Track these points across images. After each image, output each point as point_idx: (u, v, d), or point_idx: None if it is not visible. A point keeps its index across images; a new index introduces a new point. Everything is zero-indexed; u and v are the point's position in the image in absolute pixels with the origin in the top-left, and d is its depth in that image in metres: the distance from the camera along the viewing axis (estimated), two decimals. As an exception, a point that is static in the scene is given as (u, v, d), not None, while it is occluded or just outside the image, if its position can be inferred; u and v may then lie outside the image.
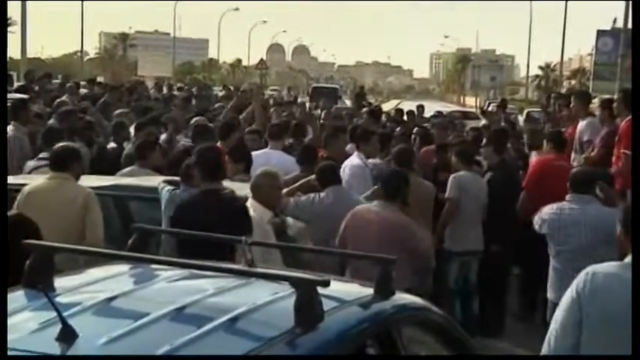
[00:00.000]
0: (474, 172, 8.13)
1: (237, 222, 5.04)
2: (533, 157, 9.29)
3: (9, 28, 75.86)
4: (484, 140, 9.39)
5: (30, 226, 4.13)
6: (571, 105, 10.55)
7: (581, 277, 3.66)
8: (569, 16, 48.91)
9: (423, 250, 6.02)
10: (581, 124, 9.47)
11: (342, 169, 7.37)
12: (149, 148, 7.78)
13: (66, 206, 5.73)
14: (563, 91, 37.24)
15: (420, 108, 18.93)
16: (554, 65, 79.92)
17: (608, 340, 3.53)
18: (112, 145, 9.44)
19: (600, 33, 37.49)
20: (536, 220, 6.32)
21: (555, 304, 3.99)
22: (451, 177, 7.97)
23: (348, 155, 8.21)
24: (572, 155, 9.41)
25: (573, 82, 71.47)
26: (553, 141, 8.85)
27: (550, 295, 6.14)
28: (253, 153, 7.96)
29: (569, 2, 49.59)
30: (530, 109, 32.74)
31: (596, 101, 11.28)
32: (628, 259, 3.60)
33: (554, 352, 3.63)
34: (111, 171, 7.71)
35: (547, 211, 6.27)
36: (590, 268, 3.68)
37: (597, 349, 3.54)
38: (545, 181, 8.10)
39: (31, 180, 7.04)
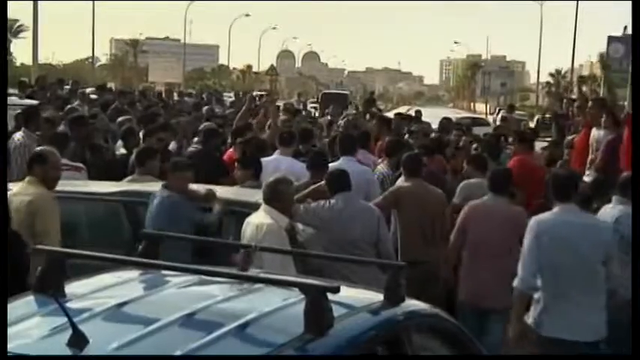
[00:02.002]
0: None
1: None
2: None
3: (21, 34, 76.24)
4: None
5: (14, 238, 4.15)
6: (587, 110, 10.54)
7: (533, 225, 5.49)
8: (580, 23, 48.81)
9: None
10: (599, 133, 9.44)
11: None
12: (148, 155, 7.72)
13: (15, 211, 5.48)
14: (574, 97, 37.14)
15: (418, 113, 18.85)
16: (565, 72, 79.76)
17: (554, 260, 5.34)
18: (122, 151, 9.45)
19: (611, 39, 37.40)
20: None
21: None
22: (461, 183, 7.97)
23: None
24: (588, 163, 9.40)
25: (584, 88, 71.26)
26: (526, 140, 9.43)
27: None
28: (264, 159, 7.96)
29: (580, 9, 49.58)
30: (541, 115, 32.68)
31: None
32: (556, 208, 5.48)
33: (526, 275, 5.39)
34: (120, 177, 7.73)
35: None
36: (537, 218, 5.56)
37: (550, 269, 5.36)
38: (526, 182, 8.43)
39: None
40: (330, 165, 7.50)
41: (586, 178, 9.02)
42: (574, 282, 5.34)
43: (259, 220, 5.66)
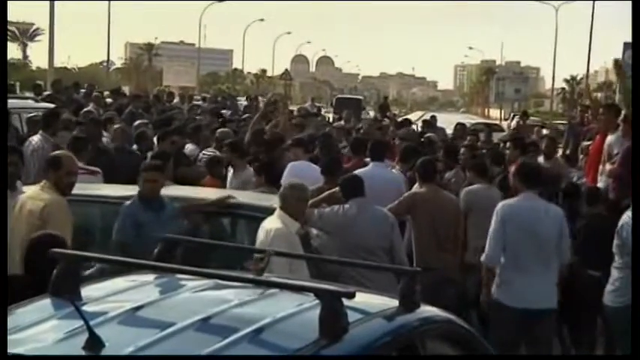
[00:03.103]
0: (488, 185, 8.07)
1: None
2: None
3: (37, 38, 76.22)
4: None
5: (54, 242, 4.16)
6: (599, 116, 10.50)
7: (499, 209, 6.27)
8: (596, 28, 48.58)
9: None
10: (611, 137, 9.41)
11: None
12: (163, 159, 7.68)
13: (28, 215, 5.55)
14: (588, 103, 36.92)
15: (433, 119, 18.85)
16: (580, 78, 79.40)
17: (518, 239, 6.12)
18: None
19: (627, 45, 37.15)
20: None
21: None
22: (463, 190, 7.96)
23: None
24: (600, 168, 9.36)
25: (599, 94, 70.89)
26: (520, 147, 10.04)
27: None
28: (291, 163, 7.99)
29: (595, 14, 49.40)
30: (556, 122, 32.55)
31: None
32: (521, 195, 6.28)
33: (492, 252, 6.22)
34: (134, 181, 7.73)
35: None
36: (503, 203, 6.41)
37: (513, 247, 6.14)
38: None
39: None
40: (359, 171, 7.51)
41: (600, 184, 8.99)
42: (532, 258, 6.15)
43: (270, 224, 5.67)
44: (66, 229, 5.55)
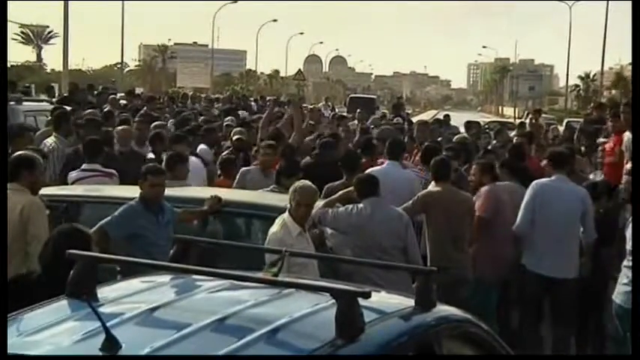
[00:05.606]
0: (518, 183, 8.02)
1: None
2: None
3: (51, 40, 76.54)
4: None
5: (82, 238, 4.16)
6: (621, 115, 10.36)
7: (532, 186, 7.30)
8: (610, 25, 48.35)
9: None
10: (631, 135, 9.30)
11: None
12: (178, 160, 7.65)
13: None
14: (604, 101, 36.69)
15: (447, 118, 18.84)
16: (594, 75, 78.95)
17: (543, 214, 7.10)
18: (150, 156, 9.49)
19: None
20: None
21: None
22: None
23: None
24: (627, 167, 9.27)
25: (614, 92, 70.47)
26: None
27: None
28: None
29: (609, 11, 49.13)
30: (570, 119, 32.39)
31: None
32: (554, 176, 7.34)
33: (522, 222, 7.23)
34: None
35: None
36: (536, 182, 7.38)
37: (539, 221, 7.13)
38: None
39: (72, 190, 7.13)
40: (373, 169, 7.49)
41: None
42: (554, 232, 7.05)
43: (272, 227, 5.67)
44: (45, 227, 5.51)
